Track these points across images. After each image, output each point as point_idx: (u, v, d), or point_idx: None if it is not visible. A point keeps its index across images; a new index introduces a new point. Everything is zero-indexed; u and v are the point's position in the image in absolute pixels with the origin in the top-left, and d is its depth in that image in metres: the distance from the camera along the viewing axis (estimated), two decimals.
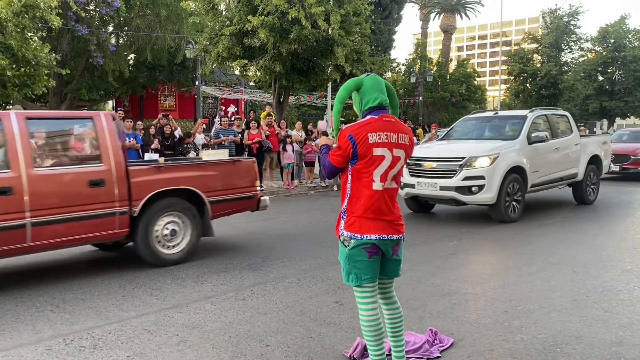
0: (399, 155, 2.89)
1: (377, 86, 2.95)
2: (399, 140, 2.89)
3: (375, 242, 2.84)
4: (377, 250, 2.87)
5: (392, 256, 2.97)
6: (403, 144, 2.92)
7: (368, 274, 2.88)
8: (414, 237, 7.42)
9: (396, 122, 2.95)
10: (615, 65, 36.05)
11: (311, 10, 12.83)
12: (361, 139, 2.81)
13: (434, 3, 39.41)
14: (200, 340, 3.81)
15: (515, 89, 32.12)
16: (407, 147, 2.95)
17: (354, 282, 2.90)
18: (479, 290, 4.93)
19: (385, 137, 2.85)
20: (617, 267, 5.67)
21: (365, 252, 2.85)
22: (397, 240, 2.93)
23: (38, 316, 4.37)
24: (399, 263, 3.06)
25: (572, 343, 3.67)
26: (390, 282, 3.11)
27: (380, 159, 2.83)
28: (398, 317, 3.10)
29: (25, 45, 11.02)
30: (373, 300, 2.94)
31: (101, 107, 32.15)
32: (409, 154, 2.99)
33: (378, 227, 2.85)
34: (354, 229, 2.86)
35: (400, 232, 2.94)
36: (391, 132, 2.87)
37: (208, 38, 14.81)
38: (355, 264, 2.87)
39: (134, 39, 19.70)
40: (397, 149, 2.88)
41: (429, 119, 28.59)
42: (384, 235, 2.85)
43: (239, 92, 26.24)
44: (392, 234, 2.89)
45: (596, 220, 8.73)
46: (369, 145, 2.81)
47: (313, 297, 4.73)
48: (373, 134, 2.82)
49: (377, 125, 2.86)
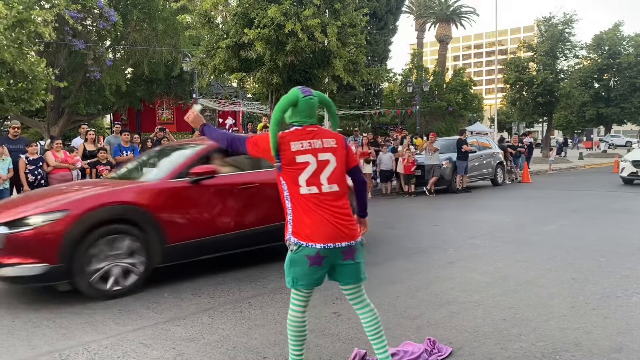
0: (326, 159, 2.99)
1: (307, 110, 3.07)
2: (323, 145, 3.00)
3: (319, 250, 2.90)
4: (320, 260, 2.92)
5: (344, 261, 2.99)
6: (329, 147, 3.02)
7: (304, 280, 2.98)
8: (411, 247, 7.42)
9: (320, 130, 3.08)
10: (610, 72, 36.25)
11: (307, 22, 12.90)
12: (284, 144, 2.97)
13: (429, 13, 39.66)
14: (197, 353, 3.78)
15: (511, 97, 32.21)
16: (335, 149, 3.04)
17: (289, 285, 3.05)
18: (478, 298, 4.91)
19: (309, 144, 2.98)
20: (615, 274, 5.66)
21: (306, 260, 2.93)
22: (346, 247, 2.96)
23: (34, 331, 4.34)
24: (357, 266, 3.06)
25: (571, 350, 3.65)
26: (354, 288, 3.11)
27: (304, 165, 2.95)
28: (373, 320, 3.12)
29: (22, 60, 11.04)
30: (301, 305, 3.09)
31: (99, 121, 32.21)
32: (340, 154, 3.05)
33: (326, 236, 2.91)
34: (300, 236, 2.95)
35: (350, 238, 2.97)
36: (314, 139, 3.00)
37: (205, 51, 14.87)
38: (294, 268, 2.99)
39: (131, 53, 19.78)
40: (322, 153, 2.98)
41: (426, 128, 28.64)
42: (329, 244, 2.91)
43: (237, 104, 26.31)
44: (340, 241, 2.93)
45: (594, 226, 8.73)
46: (292, 153, 2.95)
47: (311, 308, 4.68)
48: (295, 142, 2.98)
49: (300, 135, 3.01)
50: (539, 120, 38.31)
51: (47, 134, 18.74)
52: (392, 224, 9.52)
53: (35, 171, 9.00)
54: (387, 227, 9.24)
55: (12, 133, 9.44)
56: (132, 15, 18.51)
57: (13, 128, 9.54)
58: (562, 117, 41.59)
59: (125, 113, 25.39)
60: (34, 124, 21.51)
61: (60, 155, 9.36)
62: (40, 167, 9.10)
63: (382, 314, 4.50)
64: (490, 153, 17.04)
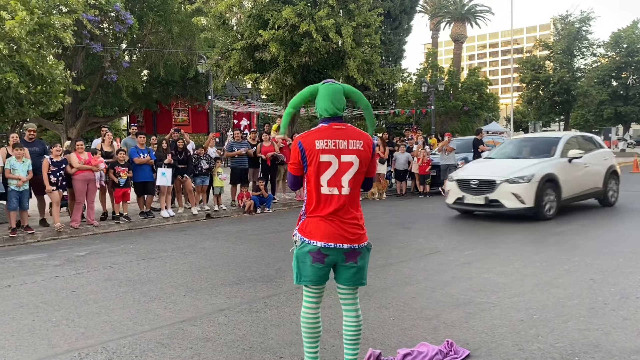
0: (349, 161, 2.93)
1: (328, 96, 3.00)
2: (349, 147, 2.94)
3: (320, 248, 2.92)
4: (322, 257, 2.94)
5: (347, 262, 2.98)
6: (354, 149, 2.95)
7: (308, 276, 3.01)
8: (428, 247, 7.38)
9: (347, 129, 3.00)
10: (629, 70, 35.77)
11: (321, 23, 12.91)
12: (308, 145, 2.93)
13: (444, 12, 39.47)
14: (214, 353, 3.81)
15: (527, 96, 32.00)
16: (361, 152, 2.95)
17: (295, 280, 3.08)
18: (494, 299, 4.87)
19: (333, 144, 2.92)
20: (635, 274, 5.57)
21: (309, 256, 2.95)
22: (348, 249, 2.94)
23: (54, 331, 4.40)
24: (359, 271, 3.03)
25: (590, 352, 3.61)
26: (348, 290, 3.09)
27: (326, 165, 2.92)
28: (352, 327, 3.09)
29: (41, 64, 11.21)
30: (311, 301, 3.09)
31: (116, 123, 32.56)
32: (365, 158, 2.97)
33: (326, 234, 2.92)
34: (304, 233, 2.98)
35: (353, 242, 2.94)
36: (340, 139, 2.94)
37: (220, 53, 14.97)
38: (299, 264, 3.02)
39: (147, 55, 19.98)
40: (346, 155, 2.93)
41: (441, 127, 28.51)
42: (330, 244, 2.91)
43: (252, 106, 26.42)
44: (342, 242, 2.92)
45: (613, 226, 8.61)
46: (316, 152, 2.92)
47: (326, 308, 4.71)
48: (320, 141, 2.93)
49: (325, 133, 2.96)
50: (555, 119, 37.96)
51: (64, 136, 19.00)
52: (408, 225, 9.49)
53: (58, 172, 9.13)
54: (402, 227, 9.21)
55: (27, 136, 9.57)
56: (147, 17, 18.69)
57: (29, 131, 9.68)
58: (579, 116, 41.14)
59: (142, 115, 25.66)
60: (52, 126, 21.82)
61: (83, 156, 9.48)
62: (63, 169, 9.23)
63: (398, 315, 4.50)
64: None
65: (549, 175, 9.53)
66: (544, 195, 9.38)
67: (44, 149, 9.64)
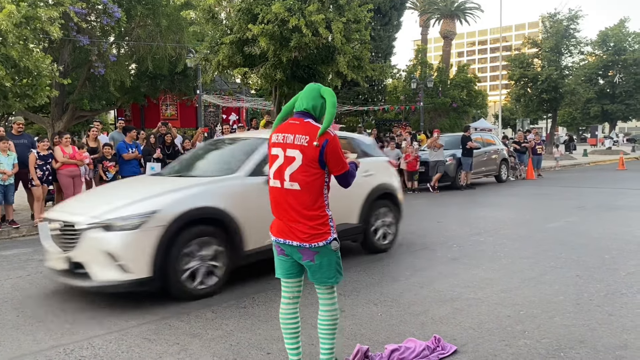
0: (292, 155, 2.93)
1: (302, 93, 3.10)
2: (294, 141, 2.94)
3: (276, 241, 3.03)
4: (282, 251, 3.03)
5: (304, 260, 2.98)
6: (299, 144, 2.92)
7: (278, 270, 3.12)
8: (415, 243, 7.41)
9: (300, 124, 2.97)
10: (615, 69, 36.15)
11: (311, 18, 12.86)
12: (270, 139, 3.08)
13: (433, 9, 39.51)
14: (201, 348, 3.79)
15: (516, 93, 32.13)
16: (305, 148, 2.88)
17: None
18: (482, 295, 4.90)
19: (282, 137, 2.98)
20: (620, 271, 5.63)
21: (275, 249, 3.08)
22: (298, 247, 2.92)
23: (38, 326, 4.35)
24: (319, 269, 2.97)
25: (576, 347, 3.64)
26: (317, 287, 3.09)
27: (274, 157, 3.01)
28: (322, 321, 3.09)
29: (27, 56, 11.05)
30: (286, 296, 3.14)
31: (103, 117, 32.26)
32: (310, 154, 2.89)
33: (278, 229, 3.01)
34: (270, 226, 3.10)
35: (303, 240, 2.89)
36: (288, 134, 2.97)
37: (208, 47, 14.84)
38: (274, 257, 3.12)
39: (135, 48, 19.76)
40: (290, 149, 2.94)
41: (430, 124, 28.58)
42: (280, 239, 2.98)
43: (240, 101, 26.28)
44: (291, 239, 2.93)
45: (599, 223, 8.69)
46: (271, 145, 3.05)
47: (315, 304, 4.69)
48: (275, 134, 3.04)
49: (282, 127, 3.04)
50: (543, 116, 38.22)
51: (51, 129, 18.78)
52: None
53: (44, 167, 9.03)
54: None
55: (15, 129, 9.47)
56: (136, 10, 18.47)
57: (17, 124, 9.57)
58: (566, 113, 41.48)
59: (129, 109, 25.41)
60: (38, 119, 21.55)
61: (68, 150, 9.37)
62: (49, 163, 9.13)
63: (386, 310, 4.51)
64: (494, 149, 17.03)
65: (200, 210, 5.03)
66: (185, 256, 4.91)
67: (32, 142, 9.53)
